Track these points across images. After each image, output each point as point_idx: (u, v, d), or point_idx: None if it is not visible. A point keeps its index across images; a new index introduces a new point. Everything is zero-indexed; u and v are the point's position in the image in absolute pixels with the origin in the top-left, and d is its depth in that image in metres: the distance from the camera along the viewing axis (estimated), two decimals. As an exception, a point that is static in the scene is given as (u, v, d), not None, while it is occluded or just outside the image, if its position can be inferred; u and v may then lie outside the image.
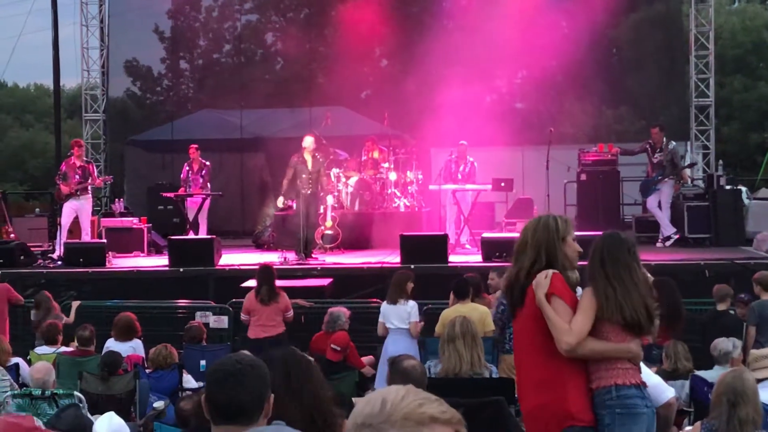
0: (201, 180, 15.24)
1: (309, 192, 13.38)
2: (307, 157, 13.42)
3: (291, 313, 9.94)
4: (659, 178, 14.53)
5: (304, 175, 13.32)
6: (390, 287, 9.49)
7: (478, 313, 8.61)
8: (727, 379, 4.99)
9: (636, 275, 4.45)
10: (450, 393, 5.56)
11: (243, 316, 10.02)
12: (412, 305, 9.24)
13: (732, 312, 9.56)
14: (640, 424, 4.29)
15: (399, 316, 9.22)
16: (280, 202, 14.04)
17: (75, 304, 11.19)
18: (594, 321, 4.37)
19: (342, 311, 9.58)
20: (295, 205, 13.98)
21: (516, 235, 14.27)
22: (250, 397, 2.90)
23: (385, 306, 9.42)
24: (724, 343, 7.39)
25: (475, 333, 6.63)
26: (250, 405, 2.90)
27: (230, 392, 2.88)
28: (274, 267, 10.67)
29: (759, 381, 6.28)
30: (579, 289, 4.59)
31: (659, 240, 14.67)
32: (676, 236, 14.56)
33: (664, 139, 14.74)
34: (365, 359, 9.60)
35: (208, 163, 15.48)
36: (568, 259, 4.51)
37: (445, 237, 13.01)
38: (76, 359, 8.66)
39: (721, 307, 9.56)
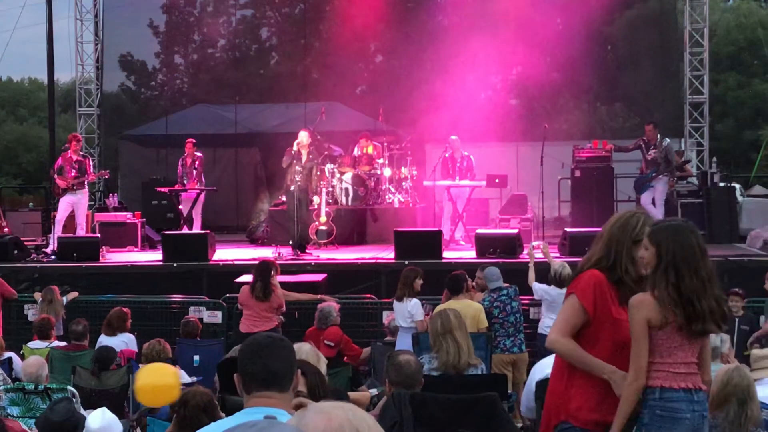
0: (195, 173, 15.23)
1: (298, 187, 13.33)
2: (303, 152, 13.42)
3: (283, 309, 9.93)
4: (653, 174, 14.54)
5: (296, 169, 13.30)
6: (398, 284, 9.48)
7: (473, 310, 8.62)
8: (734, 379, 4.98)
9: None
10: (443, 389, 5.57)
11: (240, 307, 10.06)
12: (413, 304, 9.12)
13: None
14: (679, 428, 4.20)
15: (402, 315, 9.17)
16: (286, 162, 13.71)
17: (71, 295, 11.19)
18: None
19: (332, 306, 9.56)
20: (285, 198, 13.97)
21: (509, 231, 14.30)
22: (281, 364, 3.19)
23: (394, 303, 9.42)
24: (711, 338, 7.41)
25: (465, 324, 6.62)
26: (282, 372, 3.18)
27: (264, 361, 3.17)
28: (276, 262, 10.67)
29: (757, 380, 6.31)
30: None
31: None
32: None
33: (659, 136, 14.76)
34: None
35: (199, 154, 15.44)
36: (635, 264, 4.36)
37: (439, 233, 13.01)
38: (69, 354, 8.66)
39: None
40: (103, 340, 9.30)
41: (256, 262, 10.61)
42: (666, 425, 4.18)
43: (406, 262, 11.40)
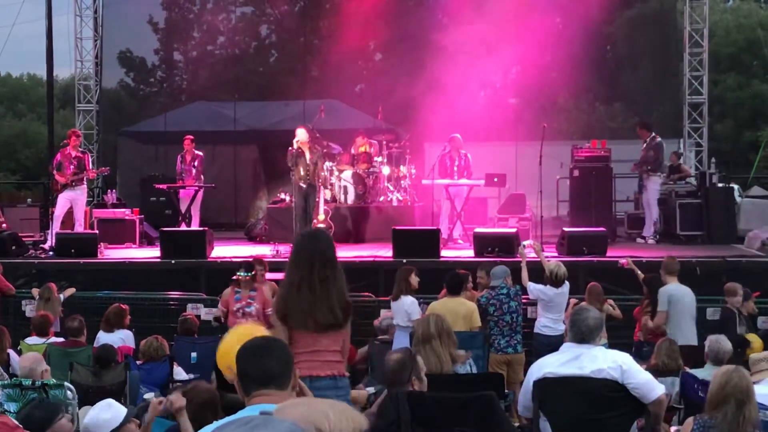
0: (194, 171, 15.19)
1: (307, 184, 13.23)
2: (304, 148, 13.30)
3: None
4: (643, 173, 14.71)
5: (302, 167, 13.18)
6: (394, 284, 9.40)
7: (465, 308, 8.58)
8: (734, 380, 4.97)
9: None
10: (440, 388, 5.57)
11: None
12: (409, 303, 9.01)
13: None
14: None
15: (399, 314, 9.07)
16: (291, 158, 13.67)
17: (69, 291, 11.16)
18: None
19: None
20: (289, 198, 13.92)
21: (507, 230, 14.29)
22: (276, 363, 3.29)
23: (391, 304, 9.30)
24: (716, 342, 7.41)
25: (449, 329, 6.43)
26: (277, 371, 3.28)
27: (260, 361, 3.29)
28: (264, 259, 10.66)
29: (755, 383, 6.31)
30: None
31: (642, 236, 14.93)
32: (652, 238, 14.74)
33: (652, 134, 14.81)
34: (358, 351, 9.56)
35: (200, 153, 15.41)
36: None
37: (437, 231, 13.01)
38: (67, 350, 8.64)
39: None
40: (101, 336, 9.29)
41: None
42: None
43: (404, 261, 11.40)
